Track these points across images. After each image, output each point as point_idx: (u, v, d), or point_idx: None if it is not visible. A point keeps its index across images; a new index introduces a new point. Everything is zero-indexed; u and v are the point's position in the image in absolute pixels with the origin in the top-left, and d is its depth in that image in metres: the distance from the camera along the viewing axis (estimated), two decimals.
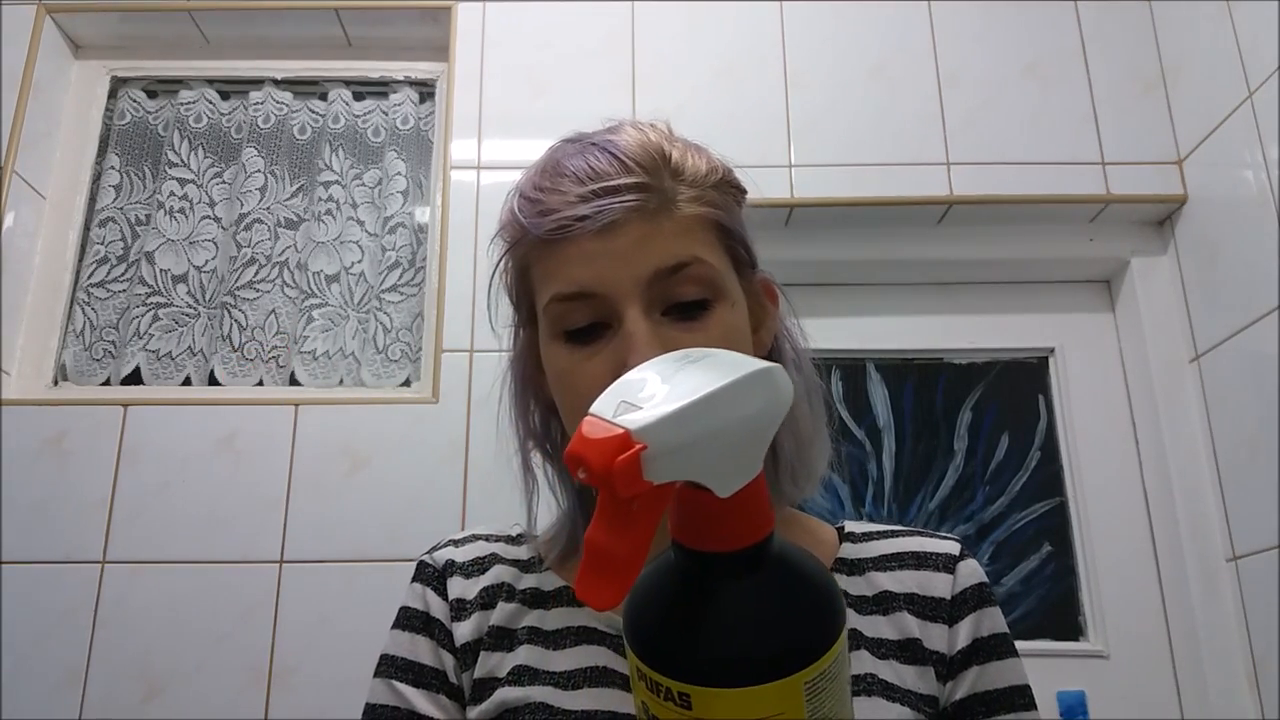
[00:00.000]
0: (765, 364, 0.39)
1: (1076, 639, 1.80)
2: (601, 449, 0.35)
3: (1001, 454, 1.92)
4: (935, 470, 1.92)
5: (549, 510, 0.77)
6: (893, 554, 0.72)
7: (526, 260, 0.69)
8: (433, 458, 1.70)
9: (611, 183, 0.64)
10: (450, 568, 0.73)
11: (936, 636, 0.68)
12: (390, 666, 0.70)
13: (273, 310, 1.90)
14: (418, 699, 0.68)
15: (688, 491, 0.38)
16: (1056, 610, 1.82)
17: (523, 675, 0.67)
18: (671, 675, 0.37)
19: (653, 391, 0.38)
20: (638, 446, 0.35)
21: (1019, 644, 0.70)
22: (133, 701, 1.59)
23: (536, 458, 0.75)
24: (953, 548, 0.73)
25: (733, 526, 0.39)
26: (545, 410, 0.75)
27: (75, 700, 1.58)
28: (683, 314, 0.65)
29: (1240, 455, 1.70)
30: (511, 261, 0.71)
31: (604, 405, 0.38)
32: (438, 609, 0.71)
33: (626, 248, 0.64)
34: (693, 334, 0.65)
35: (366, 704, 0.70)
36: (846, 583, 0.71)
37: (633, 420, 0.36)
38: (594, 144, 0.67)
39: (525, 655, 0.69)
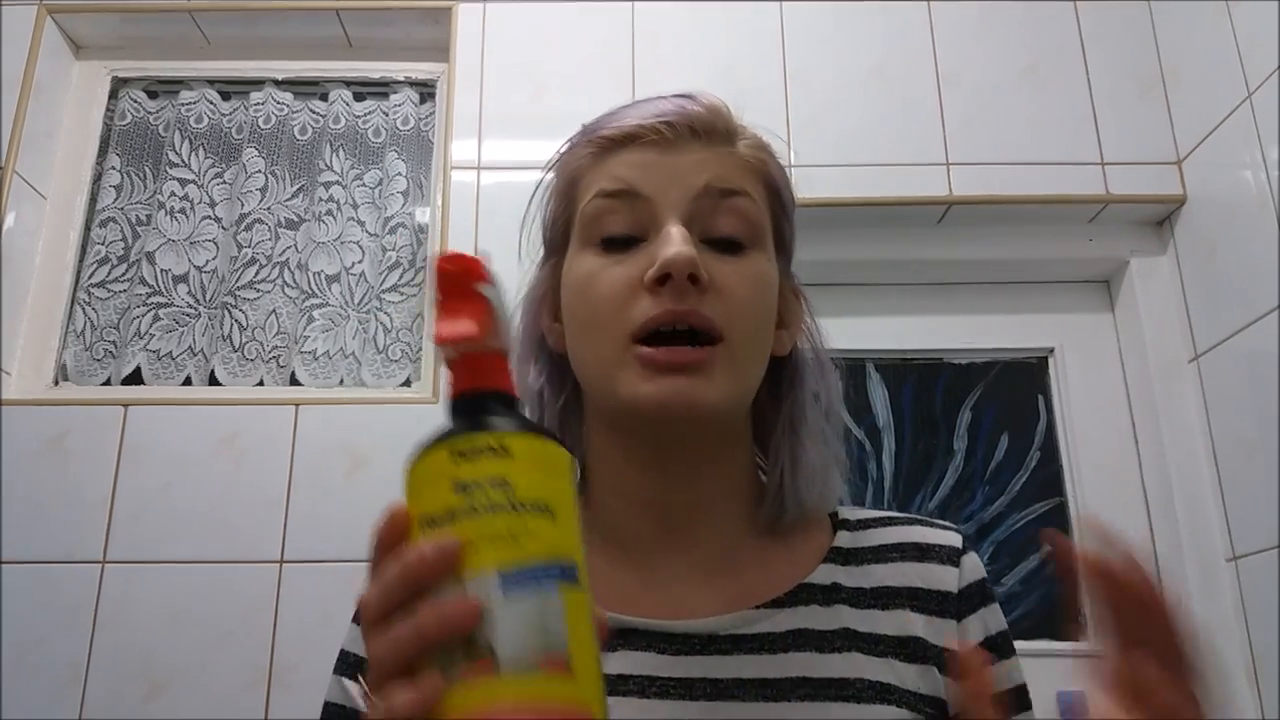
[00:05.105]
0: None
1: (1076, 639, 1.80)
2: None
3: (1001, 454, 1.93)
4: (935, 470, 1.92)
5: None
6: (893, 544, 0.70)
7: (580, 170, 0.70)
8: None
9: (685, 110, 0.68)
10: None
11: (942, 632, 0.66)
12: (341, 663, 0.69)
13: (273, 310, 1.90)
14: (355, 690, 0.67)
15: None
16: (1056, 610, 1.82)
17: None
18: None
19: None
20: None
21: (1019, 644, 0.70)
22: (134, 701, 1.59)
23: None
24: (955, 539, 0.71)
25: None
26: (550, 365, 0.72)
27: (76, 700, 1.58)
28: (719, 248, 0.65)
29: (1239, 455, 1.70)
30: (562, 174, 0.72)
31: None
32: None
33: (685, 165, 0.66)
34: (724, 266, 0.65)
35: (324, 701, 0.69)
36: (843, 574, 0.68)
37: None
38: (663, 96, 0.71)
39: None
